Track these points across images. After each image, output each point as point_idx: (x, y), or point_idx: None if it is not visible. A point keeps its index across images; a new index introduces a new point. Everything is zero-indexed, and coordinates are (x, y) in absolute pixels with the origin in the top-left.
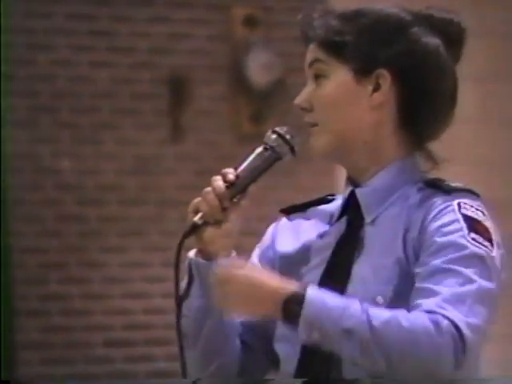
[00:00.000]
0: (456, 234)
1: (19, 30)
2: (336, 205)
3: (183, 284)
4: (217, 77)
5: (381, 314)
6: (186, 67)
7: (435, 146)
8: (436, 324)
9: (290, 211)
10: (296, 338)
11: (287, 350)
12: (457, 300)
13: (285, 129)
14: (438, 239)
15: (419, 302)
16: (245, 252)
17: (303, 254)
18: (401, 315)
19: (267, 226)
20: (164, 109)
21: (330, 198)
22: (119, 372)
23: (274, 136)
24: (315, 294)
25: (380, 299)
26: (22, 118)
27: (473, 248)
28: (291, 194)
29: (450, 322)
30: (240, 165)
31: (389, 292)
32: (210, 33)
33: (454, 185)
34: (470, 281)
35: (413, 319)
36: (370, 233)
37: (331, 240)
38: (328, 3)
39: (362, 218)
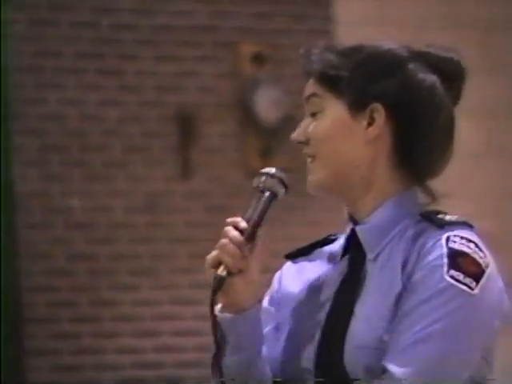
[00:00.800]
0: (435, 272)
1: (28, 70)
2: (338, 244)
3: (213, 344)
4: (225, 114)
5: None
6: (194, 105)
7: (439, 180)
8: None
9: (295, 256)
10: (311, 378)
11: None
12: (407, 351)
13: (272, 168)
14: (418, 277)
15: (383, 365)
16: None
17: (308, 293)
18: None
19: (280, 262)
20: (173, 146)
21: (332, 237)
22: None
23: (263, 177)
24: None
25: (386, 337)
26: (32, 156)
27: (448, 286)
28: (303, 229)
29: None
30: (243, 214)
31: (391, 329)
32: (217, 70)
33: (447, 218)
34: (433, 322)
35: None
36: (372, 270)
37: (335, 279)
38: (335, 40)
39: (364, 256)
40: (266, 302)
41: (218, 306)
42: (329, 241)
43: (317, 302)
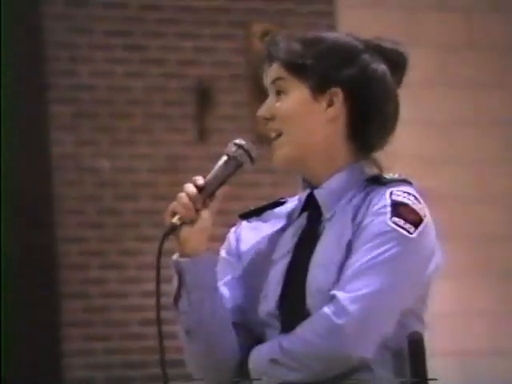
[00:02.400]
0: (379, 218)
1: (63, 45)
2: (291, 206)
3: (173, 285)
4: (238, 85)
5: (289, 336)
6: (211, 77)
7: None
8: (319, 321)
9: (248, 215)
10: (276, 323)
11: (269, 333)
12: (352, 280)
13: (244, 141)
14: (365, 223)
15: (331, 293)
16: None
17: (267, 246)
18: (299, 329)
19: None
20: (191, 114)
21: (282, 200)
22: (151, 348)
23: (235, 148)
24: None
25: (340, 282)
26: (65, 123)
27: (391, 229)
28: (255, 203)
29: (333, 311)
30: (209, 173)
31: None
32: (231, 46)
33: (389, 177)
34: (376, 256)
35: (306, 327)
36: (327, 226)
37: (294, 234)
38: (335, 18)
39: (320, 215)
40: (224, 254)
41: (176, 254)
42: (278, 204)
43: (277, 255)
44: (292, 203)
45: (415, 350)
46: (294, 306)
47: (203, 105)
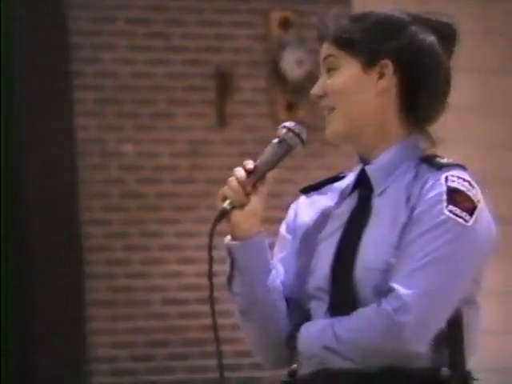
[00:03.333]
0: (436, 207)
1: (87, 33)
2: (347, 181)
3: (226, 267)
4: (257, 71)
5: (343, 324)
6: (231, 63)
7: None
8: (380, 317)
9: (308, 190)
10: (324, 297)
11: (317, 305)
12: (412, 275)
13: (294, 123)
14: (420, 210)
15: (390, 285)
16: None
17: (321, 221)
18: (356, 320)
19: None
20: (212, 100)
21: (341, 175)
22: (174, 327)
23: (285, 130)
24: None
25: (393, 261)
26: (90, 108)
27: (447, 219)
28: (321, 173)
29: (394, 308)
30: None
31: (397, 254)
32: (250, 33)
33: (444, 161)
34: (435, 249)
35: (363, 320)
36: (378, 203)
37: (345, 210)
38: (352, 7)
39: (371, 191)
40: (283, 230)
41: (228, 236)
42: (338, 178)
43: (329, 229)
44: (350, 178)
45: (453, 329)
46: (342, 281)
47: (223, 91)
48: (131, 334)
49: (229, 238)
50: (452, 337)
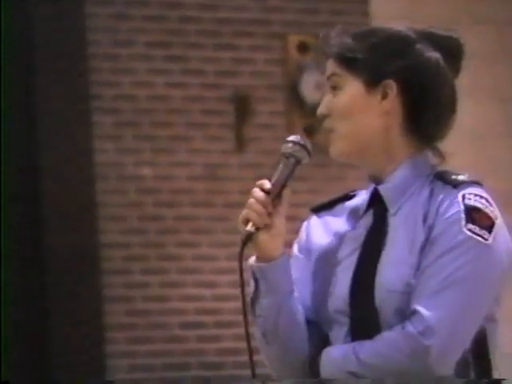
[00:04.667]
0: (454, 226)
1: (105, 57)
2: (358, 200)
3: (250, 288)
4: (275, 95)
5: (367, 349)
6: (249, 87)
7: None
8: (405, 340)
9: (319, 209)
10: (344, 320)
11: (337, 328)
12: (435, 297)
13: (298, 137)
14: (439, 230)
15: (413, 308)
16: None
17: (336, 243)
18: (380, 344)
19: (305, 212)
20: (229, 123)
21: (351, 194)
22: (192, 351)
23: (291, 144)
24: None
25: (414, 282)
26: (108, 132)
27: (467, 238)
28: (328, 184)
29: (419, 331)
30: (272, 176)
31: (417, 275)
32: (269, 57)
33: (460, 178)
34: (456, 270)
35: (388, 344)
36: (393, 223)
37: (361, 231)
38: (369, 24)
39: (386, 211)
40: (295, 250)
41: (253, 257)
42: (348, 197)
43: (345, 251)
44: (361, 197)
45: (478, 347)
46: (363, 304)
47: (241, 114)
48: (149, 357)
49: (253, 259)
50: (478, 356)
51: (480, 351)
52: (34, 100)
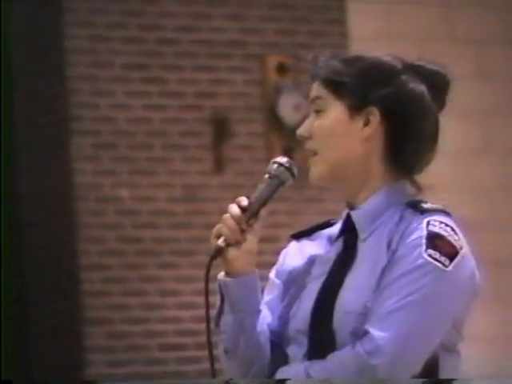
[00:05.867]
0: (415, 250)
1: (84, 78)
2: (336, 228)
3: (217, 303)
4: (253, 116)
5: (317, 367)
6: (227, 108)
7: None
8: (353, 359)
9: (299, 236)
10: (303, 340)
11: (296, 348)
12: (387, 318)
13: (284, 159)
14: (400, 253)
15: (365, 328)
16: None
17: (307, 267)
18: (330, 363)
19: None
20: (208, 144)
21: (332, 221)
22: (173, 373)
23: (276, 165)
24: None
25: (370, 304)
26: (86, 153)
27: (426, 263)
28: (320, 218)
29: (367, 350)
30: (252, 194)
31: (374, 297)
32: (246, 78)
33: (428, 206)
34: (411, 293)
35: (337, 362)
36: (362, 248)
37: (331, 256)
38: (348, 51)
39: (356, 237)
40: (272, 274)
41: (222, 272)
42: (329, 224)
43: (314, 274)
44: (339, 225)
45: (428, 374)
46: (321, 325)
47: (219, 135)
48: (130, 380)
49: (222, 274)
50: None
51: (428, 379)
52: (13, 121)
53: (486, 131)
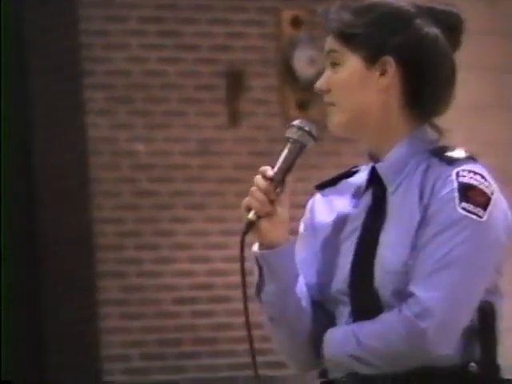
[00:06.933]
0: (448, 205)
1: (98, 32)
2: (361, 177)
3: (254, 276)
4: (268, 70)
5: (366, 331)
6: (242, 62)
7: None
8: (402, 324)
9: (323, 187)
10: (346, 300)
11: (340, 308)
12: (431, 278)
13: (302, 121)
14: (433, 210)
15: (409, 290)
16: (295, 224)
17: (339, 222)
18: (379, 326)
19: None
20: (223, 98)
21: (354, 170)
22: (185, 326)
23: (295, 129)
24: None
25: (411, 262)
26: (101, 107)
27: (461, 217)
28: (335, 172)
29: (415, 313)
30: (276, 162)
31: (414, 255)
32: (262, 32)
33: (455, 155)
34: (451, 250)
35: (386, 327)
36: (392, 202)
37: (361, 210)
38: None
39: (384, 189)
40: (301, 228)
41: (256, 245)
42: (352, 173)
43: (347, 231)
44: (364, 173)
45: (485, 320)
46: (362, 285)
47: (234, 89)
48: (143, 333)
49: (256, 247)
50: (484, 330)
51: (486, 325)
52: (26, 77)
53: (502, 87)
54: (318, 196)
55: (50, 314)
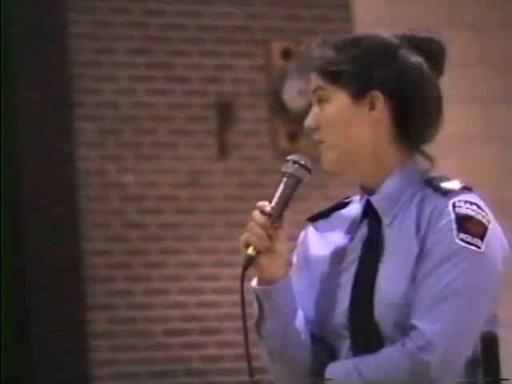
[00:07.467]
0: (446, 236)
1: (88, 64)
2: (354, 208)
3: (254, 311)
4: (258, 102)
5: (368, 364)
6: (231, 94)
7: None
8: (405, 357)
9: (315, 218)
10: (346, 334)
11: (340, 342)
12: (432, 310)
13: (298, 156)
14: (431, 242)
15: (411, 323)
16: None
17: (336, 256)
18: (381, 360)
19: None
20: (212, 130)
21: (346, 201)
22: (176, 357)
23: (290, 164)
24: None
25: (411, 294)
26: (91, 139)
27: (459, 248)
28: (325, 204)
29: (418, 347)
30: (273, 196)
31: (413, 287)
32: (251, 64)
33: (449, 185)
34: (451, 281)
35: (389, 361)
36: (389, 234)
37: (357, 243)
38: (352, 31)
39: (380, 222)
40: (294, 262)
41: (255, 280)
42: (344, 204)
43: (344, 263)
44: (355, 204)
45: (488, 350)
46: (362, 318)
47: (224, 121)
48: (133, 365)
49: (255, 281)
50: (487, 360)
51: (489, 355)
52: (16, 108)
53: (489, 118)
54: (310, 228)
55: (39, 348)
